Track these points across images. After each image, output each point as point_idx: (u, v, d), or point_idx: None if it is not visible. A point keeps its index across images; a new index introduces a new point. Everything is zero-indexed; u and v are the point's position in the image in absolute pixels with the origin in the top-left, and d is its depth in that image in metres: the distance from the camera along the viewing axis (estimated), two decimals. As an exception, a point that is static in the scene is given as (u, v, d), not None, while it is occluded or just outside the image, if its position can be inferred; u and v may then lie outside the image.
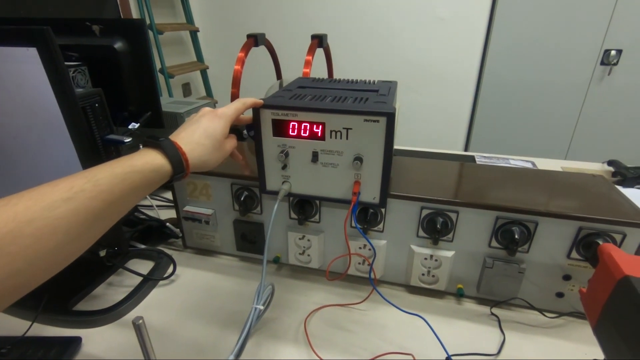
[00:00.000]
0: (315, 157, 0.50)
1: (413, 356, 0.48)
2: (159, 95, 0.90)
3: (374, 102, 0.49)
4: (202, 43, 2.30)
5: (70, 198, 0.30)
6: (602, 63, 1.81)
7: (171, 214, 0.77)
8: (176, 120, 1.10)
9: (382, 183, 0.50)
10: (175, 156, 0.39)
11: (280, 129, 0.50)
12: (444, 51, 2.01)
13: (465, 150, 2.22)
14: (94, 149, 0.48)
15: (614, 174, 1.00)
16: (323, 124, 0.48)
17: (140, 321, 0.29)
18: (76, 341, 0.51)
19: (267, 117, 0.50)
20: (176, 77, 2.05)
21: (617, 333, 0.31)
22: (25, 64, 0.37)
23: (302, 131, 0.49)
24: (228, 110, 0.46)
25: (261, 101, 0.49)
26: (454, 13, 1.92)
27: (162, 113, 0.89)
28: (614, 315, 0.31)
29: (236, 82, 0.91)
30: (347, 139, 0.48)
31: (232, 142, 0.48)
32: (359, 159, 0.49)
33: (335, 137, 0.48)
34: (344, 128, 0.48)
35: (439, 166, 0.67)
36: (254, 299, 0.48)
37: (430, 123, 2.19)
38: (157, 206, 0.85)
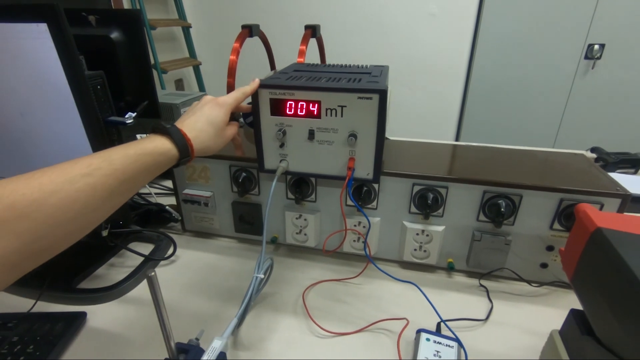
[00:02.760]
0: (311, 134, 0.53)
1: (407, 320, 0.50)
2: (155, 85, 0.91)
3: (367, 81, 0.51)
4: (194, 39, 2.31)
5: (88, 174, 0.32)
6: (586, 57, 1.87)
7: (170, 201, 0.79)
8: (172, 111, 1.11)
9: (375, 158, 0.53)
10: (181, 141, 0.42)
11: (277, 108, 0.52)
12: (434, 46, 2.05)
13: (456, 141, 2.26)
14: (100, 128, 0.49)
15: (596, 160, 1.04)
16: (319, 102, 0.50)
17: (153, 273, 0.31)
18: (81, 316, 0.53)
19: (265, 96, 0.52)
20: (169, 73, 2.05)
21: (592, 282, 0.34)
22: (34, 40, 0.38)
23: (298, 110, 0.52)
24: (228, 99, 0.48)
25: (258, 83, 0.51)
26: (444, 9, 1.96)
27: (159, 103, 0.90)
28: (588, 265, 0.34)
29: (232, 72, 0.93)
30: (341, 116, 0.51)
31: (232, 129, 0.51)
32: (353, 135, 0.51)
33: (331, 115, 0.51)
34: (339, 106, 0.50)
35: (430, 147, 0.69)
36: (254, 269, 0.50)
37: (422, 116, 2.22)
38: (156, 194, 0.87)
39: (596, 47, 1.83)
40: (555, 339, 0.38)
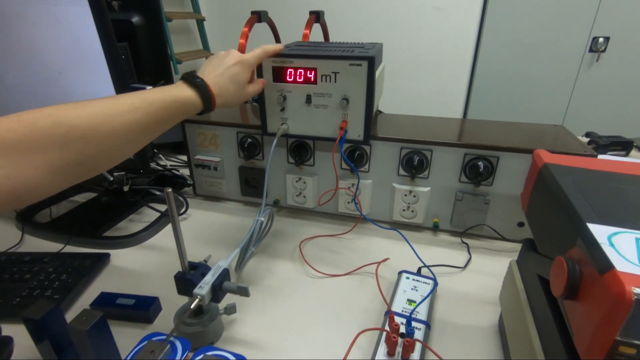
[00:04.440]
0: (309, 99, 0.59)
1: (389, 257, 0.57)
2: (171, 65, 0.99)
3: (358, 51, 0.57)
4: (208, 32, 2.40)
5: (130, 111, 0.39)
6: (591, 50, 1.89)
7: (184, 173, 0.86)
8: (186, 93, 1.19)
9: (365, 121, 0.59)
10: (207, 97, 0.48)
11: (279, 75, 0.59)
12: (439, 40, 2.09)
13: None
14: (127, 89, 0.57)
15: (589, 143, 1.08)
16: (315, 69, 0.57)
17: (169, 190, 0.38)
18: (105, 256, 0.60)
19: (267, 65, 0.59)
20: (184, 64, 2.14)
21: (536, 207, 0.39)
22: (74, 7, 0.46)
23: (297, 77, 0.58)
24: (251, 59, 0.54)
25: (281, 47, 0.57)
26: (449, 3, 2.00)
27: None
28: (536, 195, 0.40)
29: (241, 55, 1.00)
30: (335, 82, 0.57)
31: (255, 87, 0.56)
32: (345, 99, 0.57)
33: (326, 81, 0.57)
34: (332, 72, 0.56)
35: (419, 119, 0.75)
36: (256, 214, 0.57)
37: (427, 109, 2.27)
38: (171, 165, 0.94)
39: (601, 40, 1.85)
40: (512, 267, 0.44)
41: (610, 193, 0.32)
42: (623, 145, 1.04)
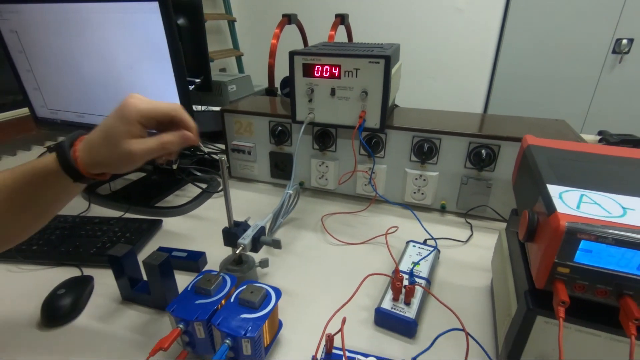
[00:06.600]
0: (333, 92, 0.69)
1: (397, 227, 0.65)
2: (209, 64, 1.10)
3: (377, 51, 0.66)
4: (238, 32, 2.53)
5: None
6: (614, 52, 1.89)
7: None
8: (220, 88, 1.32)
9: (381, 112, 0.68)
10: (65, 160, 0.37)
11: (308, 71, 0.69)
12: (460, 41, 2.14)
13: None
14: (185, 81, 0.68)
15: (600, 140, 1.12)
16: (339, 66, 0.66)
17: (223, 157, 0.48)
18: (159, 221, 0.72)
19: (299, 62, 0.68)
20: (215, 62, 2.28)
21: (520, 181, 0.47)
22: (147, 14, 0.57)
23: (324, 72, 0.68)
24: (137, 111, 0.38)
25: (196, 141, 0.45)
26: (471, 4, 2.04)
27: (212, 80, 1.09)
28: (520, 172, 0.48)
29: (272, 54, 1.11)
30: (356, 77, 0.66)
31: (145, 144, 0.39)
32: (365, 92, 0.66)
33: (348, 76, 0.67)
34: (354, 69, 0.66)
35: (431, 112, 0.83)
36: (286, 187, 0.67)
37: (446, 109, 2.31)
38: (209, 153, 1.06)
39: (624, 41, 1.85)
40: (501, 233, 0.52)
41: (574, 165, 0.40)
42: (633, 144, 1.08)
